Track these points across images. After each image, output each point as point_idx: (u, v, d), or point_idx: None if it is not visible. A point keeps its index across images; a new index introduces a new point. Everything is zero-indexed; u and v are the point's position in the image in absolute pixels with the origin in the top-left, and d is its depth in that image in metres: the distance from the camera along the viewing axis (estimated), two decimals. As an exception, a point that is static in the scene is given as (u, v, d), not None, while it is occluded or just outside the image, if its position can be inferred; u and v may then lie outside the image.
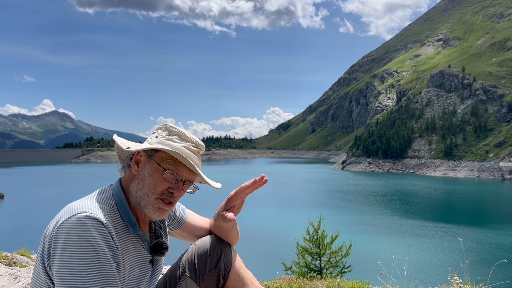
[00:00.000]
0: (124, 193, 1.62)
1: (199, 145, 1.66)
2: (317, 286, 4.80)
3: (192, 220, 2.01)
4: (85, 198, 1.55)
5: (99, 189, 1.63)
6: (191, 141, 1.65)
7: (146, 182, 1.58)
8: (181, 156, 1.56)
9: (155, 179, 1.58)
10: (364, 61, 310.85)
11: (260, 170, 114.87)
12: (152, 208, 1.59)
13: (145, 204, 1.58)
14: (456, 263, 22.12)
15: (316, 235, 10.28)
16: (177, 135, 1.64)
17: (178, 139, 1.62)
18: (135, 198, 1.60)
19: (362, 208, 47.88)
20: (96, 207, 1.49)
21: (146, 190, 1.58)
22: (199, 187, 1.71)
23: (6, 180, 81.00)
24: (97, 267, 1.38)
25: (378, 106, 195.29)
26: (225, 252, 1.81)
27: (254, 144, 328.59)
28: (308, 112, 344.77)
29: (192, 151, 1.63)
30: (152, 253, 1.69)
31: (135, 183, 1.61)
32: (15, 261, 5.27)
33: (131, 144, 1.65)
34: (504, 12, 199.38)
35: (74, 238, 1.38)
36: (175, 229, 1.98)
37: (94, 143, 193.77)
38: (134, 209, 1.63)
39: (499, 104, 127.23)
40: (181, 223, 1.98)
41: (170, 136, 1.63)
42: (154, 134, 1.68)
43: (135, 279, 1.61)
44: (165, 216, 1.65)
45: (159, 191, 1.58)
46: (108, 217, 1.50)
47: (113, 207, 1.56)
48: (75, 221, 1.40)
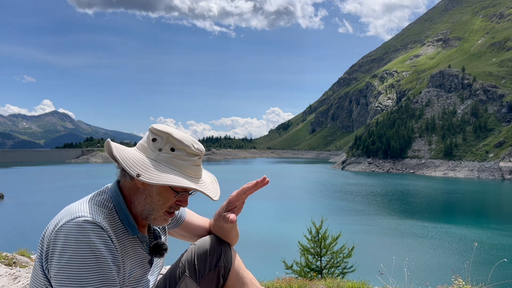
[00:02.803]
0: (123, 196, 1.60)
1: (202, 154, 1.61)
2: (317, 286, 4.80)
3: (191, 220, 2.00)
4: (84, 200, 1.53)
5: (97, 191, 1.61)
6: (196, 153, 1.58)
7: (155, 199, 1.56)
8: (199, 190, 1.55)
9: (165, 197, 1.56)
10: (364, 61, 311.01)
11: (260, 170, 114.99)
12: (160, 221, 1.60)
13: (154, 218, 1.59)
14: (456, 263, 22.12)
15: (318, 235, 10.28)
16: (182, 149, 1.55)
17: (185, 155, 1.55)
18: (141, 210, 1.58)
19: (362, 208, 47.89)
20: (94, 211, 1.47)
21: (155, 206, 1.57)
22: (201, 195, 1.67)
23: (6, 180, 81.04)
24: (95, 272, 1.37)
25: (378, 106, 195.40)
26: (224, 252, 1.80)
27: (254, 144, 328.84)
28: (308, 112, 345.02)
29: (198, 164, 1.59)
30: (151, 254, 1.68)
31: (141, 197, 1.57)
32: (15, 261, 5.27)
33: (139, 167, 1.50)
34: (504, 12, 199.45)
35: (73, 243, 1.37)
36: (174, 228, 1.97)
37: (94, 143, 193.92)
38: (132, 211, 1.61)
39: (499, 104, 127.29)
40: (180, 222, 1.96)
41: (175, 151, 1.55)
42: (155, 142, 1.56)
43: (135, 280, 1.61)
44: (168, 222, 1.67)
45: (168, 206, 1.59)
46: (107, 220, 1.49)
47: (112, 209, 1.54)
48: (74, 225, 1.39)
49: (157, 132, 1.57)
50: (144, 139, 1.61)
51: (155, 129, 1.57)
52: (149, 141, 1.58)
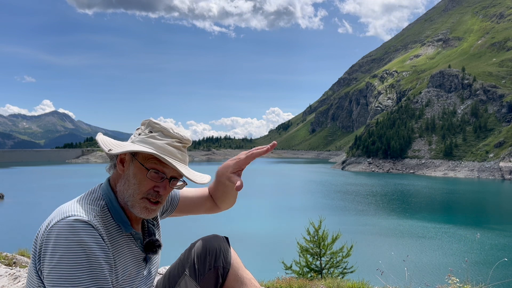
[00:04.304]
0: (114, 192, 1.59)
1: (183, 140, 1.61)
2: (317, 286, 4.80)
3: (187, 195, 1.98)
4: (75, 200, 1.54)
5: (89, 190, 1.61)
6: (175, 136, 1.59)
7: (131, 182, 1.55)
8: (161, 156, 1.51)
9: (139, 178, 1.55)
10: (364, 61, 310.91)
11: (260, 169, 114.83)
12: (139, 208, 1.56)
13: (132, 205, 1.56)
14: (456, 263, 22.12)
15: (317, 235, 10.27)
16: (160, 131, 1.58)
17: (161, 136, 1.57)
18: (122, 198, 1.57)
19: (362, 208, 47.88)
20: (86, 209, 1.47)
21: (131, 191, 1.55)
22: (187, 182, 1.66)
23: (6, 180, 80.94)
24: (86, 271, 1.36)
25: (378, 106, 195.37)
26: (224, 252, 1.80)
27: (254, 144, 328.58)
28: (308, 112, 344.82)
29: (176, 147, 1.58)
30: (145, 252, 1.67)
31: (121, 183, 1.58)
32: (15, 261, 5.27)
33: (113, 145, 1.58)
34: (504, 12, 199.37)
35: (63, 242, 1.36)
36: (172, 212, 1.96)
37: (94, 143, 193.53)
38: (124, 208, 1.60)
39: (499, 104, 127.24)
40: (175, 203, 1.95)
41: (153, 133, 1.58)
42: (137, 131, 1.63)
43: (130, 278, 1.59)
44: (154, 215, 1.62)
45: (144, 191, 1.55)
46: (99, 218, 1.48)
47: (104, 207, 1.54)
48: (65, 224, 1.39)
49: (142, 122, 1.65)
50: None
51: (141, 122, 1.65)
52: (135, 132, 1.64)
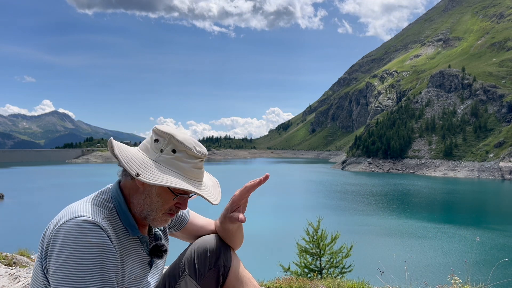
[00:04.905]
0: (124, 196, 1.60)
1: (204, 156, 1.60)
2: (317, 286, 4.80)
3: (195, 221, 1.98)
4: (84, 200, 1.54)
5: (98, 191, 1.61)
6: (198, 156, 1.57)
7: (154, 200, 1.56)
8: (197, 192, 1.54)
9: (164, 199, 1.56)
10: (364, 61, 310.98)
11: (260, 170, 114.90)
12: (159, 221, 1.60)
13: (153, 219, 1.59)
14: (456, 263, 22.12)
15: (316, 235, 10.26)
16: (184, 151, 1.54)
17: (186, 156, 1.55)
18: (140, 211, 1.58)
19: (362, 208, 47.89)
20: (94, 211, 1.47)
21: (154, 207, 1.57)
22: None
23: (6, 180, 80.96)
24: (93, 272, 1.37)
25: (378, 106, 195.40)
26: (224, 252, 1.81)
27: (254, 144, 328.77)
28: (308, 112, 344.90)
29: (199, 167, 1.58)
30: (150, 256, 1.67)
31: (140, 197, 1.57)
32: (15, 261, 5.27)
33: (138, 165, 1.51)
34: (504, 12, 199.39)
35: (71, 242, 1.37)
36: (178, 230, 1.95)
37: (94, 143, 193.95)
38: (132, 211, 1.61)
39: (499, 104, 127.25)
40: (184, 224, 1.95)
41: (176, 153, 1.54)
42: (157, 143, 1.56)
43: (135, 281, 1.60)
44: (168, 223, 1.68)
45: (167, 208, 1.58)
46: (107, 220, 1.49)
47: (112, 210, 1.55)
48: (73, 224, 1.39)
49: (160, 133, 1.57)
50: (147, 140, 1.61)
51: (158, 129, 1.57)
52: (152, 141, 1.57)
